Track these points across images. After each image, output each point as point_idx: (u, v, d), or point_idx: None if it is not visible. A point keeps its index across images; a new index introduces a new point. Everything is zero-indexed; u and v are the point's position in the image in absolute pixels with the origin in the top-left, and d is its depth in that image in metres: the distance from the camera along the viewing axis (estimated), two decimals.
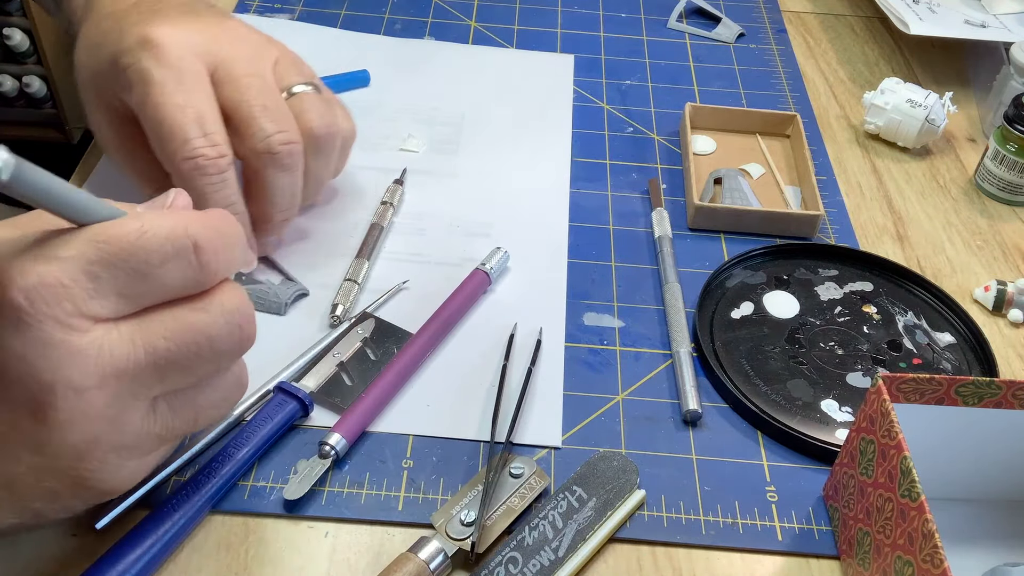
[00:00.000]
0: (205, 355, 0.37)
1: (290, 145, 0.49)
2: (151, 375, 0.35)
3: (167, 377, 0.36)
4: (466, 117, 0.71)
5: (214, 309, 0.37)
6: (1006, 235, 0.66)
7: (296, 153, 0.50)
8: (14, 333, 0.32)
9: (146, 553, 0.41)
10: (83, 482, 0.36)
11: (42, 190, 0.31)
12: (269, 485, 0.46)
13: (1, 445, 0.34)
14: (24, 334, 0.32)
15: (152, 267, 0.34)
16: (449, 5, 0.83)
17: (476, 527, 0.43)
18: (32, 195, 0.31)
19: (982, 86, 0.79)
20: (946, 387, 0.43)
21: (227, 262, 0.37)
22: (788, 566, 0.45)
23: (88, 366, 0.33)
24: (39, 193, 0.31)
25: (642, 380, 0.53)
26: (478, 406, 0.51)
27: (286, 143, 0.49)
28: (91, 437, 0.34)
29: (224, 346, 0.37)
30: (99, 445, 0.35)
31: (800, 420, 0.51)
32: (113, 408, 0.35)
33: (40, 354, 0.33)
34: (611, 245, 0.61)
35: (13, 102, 1.04)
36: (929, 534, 0.36)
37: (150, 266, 0.34)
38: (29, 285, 0.32)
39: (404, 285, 0.57)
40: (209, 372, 0.38)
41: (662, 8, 0.86)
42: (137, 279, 0.34)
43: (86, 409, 0.34)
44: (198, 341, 0.36)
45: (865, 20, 0.88)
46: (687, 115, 0.70)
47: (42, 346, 0.33)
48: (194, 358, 0.36)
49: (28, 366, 0.33)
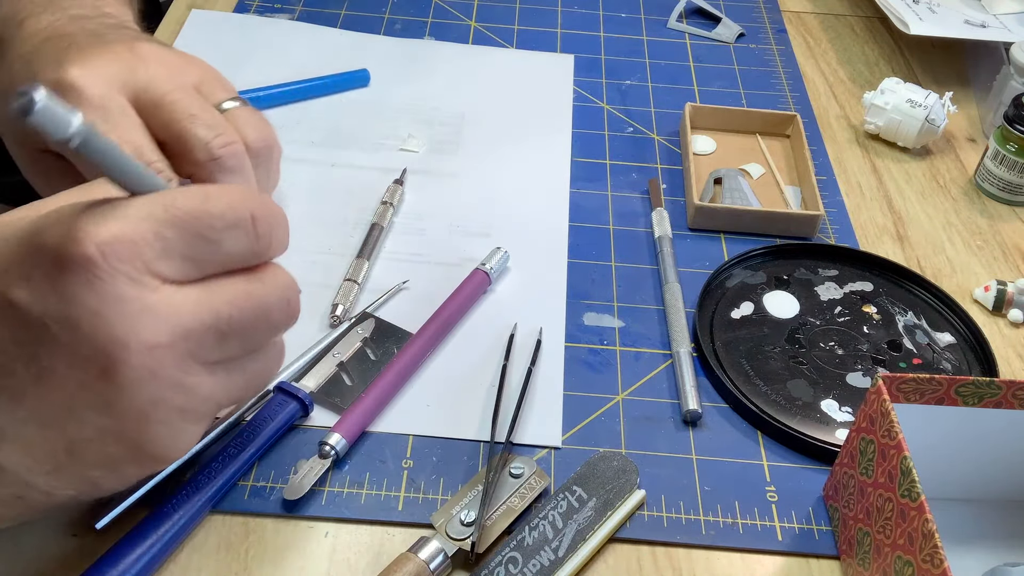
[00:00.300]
0: (261, 325, 0.38)
1: (231, 146, 0.48)
2: (213, 339, 0.36)
3: (227, 342, 0.37)
4: (466, 117, 0.71)
5: (269, 281, 0.39)
6: (1006, 235, 0.66)
7: (240, 154, 0.48)
8: (87, 288, 0.33)
9: (146, 553, 0.41)
10: (144, 446, 0.36)
11: (109, 156, 0.34)
12: (269, 485, 0.46)
13: (69, 407, 0.35)
14: (98, 289, 0.33)
15: (215, 232, 0.36)
16: (449, 5, 0.83)
17: (476, 527, 0.43)
18: (99, 160, 0.33)
19: (982, 86, 0.79)
20: (946, 387, 0.43)
21: (279, 239, 0.39)
22: (788, 566, 0.45)
23: (159, 323, 0.34)
24: (105, 159, 0.33)
25: (642, 380, 0.53)
26: (478, 406, 0.51)
27: (226, 145, 0.48)
28: (157, 397, 0.35)
29: (277, 317, 0.39)
30: (163, 407, 0.36)
31: (800, 420, 0.51)
32: (179, 369, 0.36)
33: (114, 309, 0.33)
34: (611, 245, 0.62)
35: None
36: (929, 534, 0.36)
37: (213, 231, 0.36)
38: (102, 240, 0.33)
39: (404, 285, 0.57)
40: (262, 341, 0.40)
41: (662, 8, 0.86)
42: (201, 243, 0.36)
43: (155, 367, 0.35)
44: (256, 310, 0.38)
45: (865, 20, 0.88)
46: (687, 115, 0.70)
47: (115, 301, 0.33)
48: (251, 326, 0.38)
49: (101, 321, 0.33)
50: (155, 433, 0.36)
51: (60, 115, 0.30)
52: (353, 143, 0.67)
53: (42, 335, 0.34)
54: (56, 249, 0.33)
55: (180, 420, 0.37)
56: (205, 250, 0.36)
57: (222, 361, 0.38)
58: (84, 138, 0.31)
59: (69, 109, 0.31)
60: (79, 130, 0.31)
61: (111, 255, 0.33)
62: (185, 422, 0.37)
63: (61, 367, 0.34)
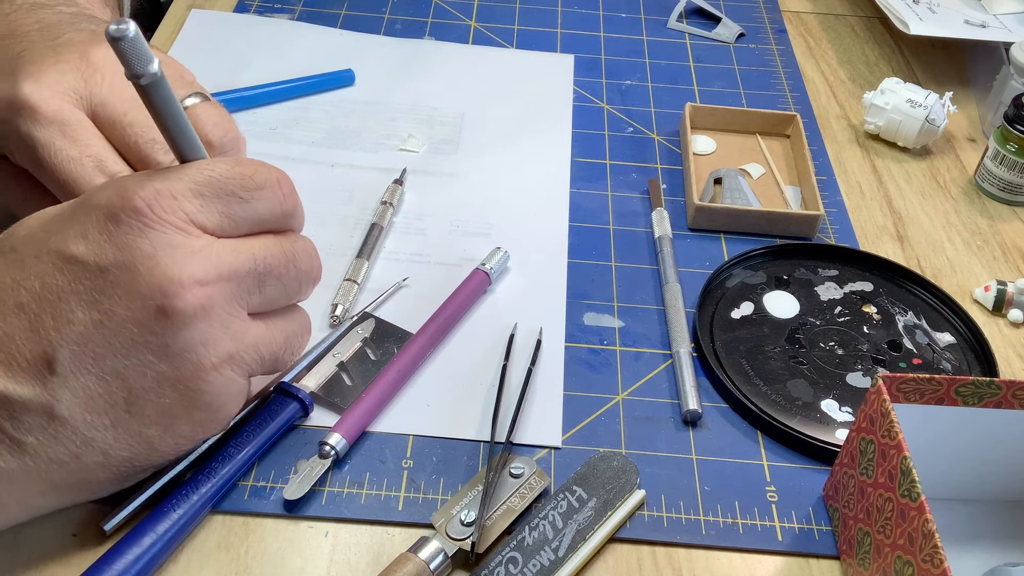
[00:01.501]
0: (292, 270, 0.43)
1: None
2: (254, 282, 0.41)
3: (266, 285, 0.42)
4: (466, 117, 0.71)
5: (294, 238, 0.44)
6: (1006, 235, 0.66)
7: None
8: (141, 235, 0.37)
9: (146, 553, 0.41)
10: (198, 395, 0.40)
11: (170, 105, 0.38)
12: (269, 485, 0.46)
13: (128, 351, 0.38)
14: (149, 236, 0.38)
15: (247, 191, 0.41)
16: (449, 5, 0.83)
17: (476, 527, 0.43)
18: (161, 107, 0.38)
19: (982, 86, 0.79)
20: (946, 387, 0.43)
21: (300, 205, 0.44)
22: (788, 566, 0.45)
23: (207, 264, 0.39)
24: (167, 107, 0.38)
25: (642, 380, 0.53)
26: (478, 406, 0.51)
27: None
28: (209, 337, 0.39)
29: (305, 267, 0.44)
30: (214, 349, 0.39)
31: (800, 420, 0.51)
32: (227, 308, 0.40)
33: (166, 252, 0.38)
34: (611, 245, 0.61)
35: None
36: (929, 534, 0.36)
37: (245, 190, 0.40)
38: (147, 195, 0.38)
39: (404, 283, 0.57)
40: (294, 291, 0.44)
41: (662, 8, 0.86)
42: (236, 202, 0.40)
43: (206, 303, 0.38)
44: (285, 257, 0.42)
45: (865, 20, 0.88)
46: (687, 115, 0.70)
47: (166, 246, 0.38)
48: (283, 270, 0.42)
49: (156, 262, 0.37)
50: (207, 379, 0.40)
51: (145, 53, 0.36)
52: (353, 143, 0.67)
53: (101, 282, 0.37)
54: (108, 206, 0.38)
55: (229, 368, 0.40)
56: (239, 208, 0.40)
57: (262, 310, 0.42)
58: (157, 80, 0.37)
59: (152, 53, 0.36)
60: (156, 71, 0.36)
61: (157, 207, 0.38)
62: (233, 371, 0.41)
63: (121, 309, 0.37)
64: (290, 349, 0.45)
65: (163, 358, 0.38)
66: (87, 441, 0.38)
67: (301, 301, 0.46)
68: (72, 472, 0.39)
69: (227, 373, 0.40)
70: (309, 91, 0.71)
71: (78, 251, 0.37)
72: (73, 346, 0.37)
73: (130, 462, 0.40)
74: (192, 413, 0.40)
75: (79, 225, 0.38)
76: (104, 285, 0.37)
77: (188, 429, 0.41)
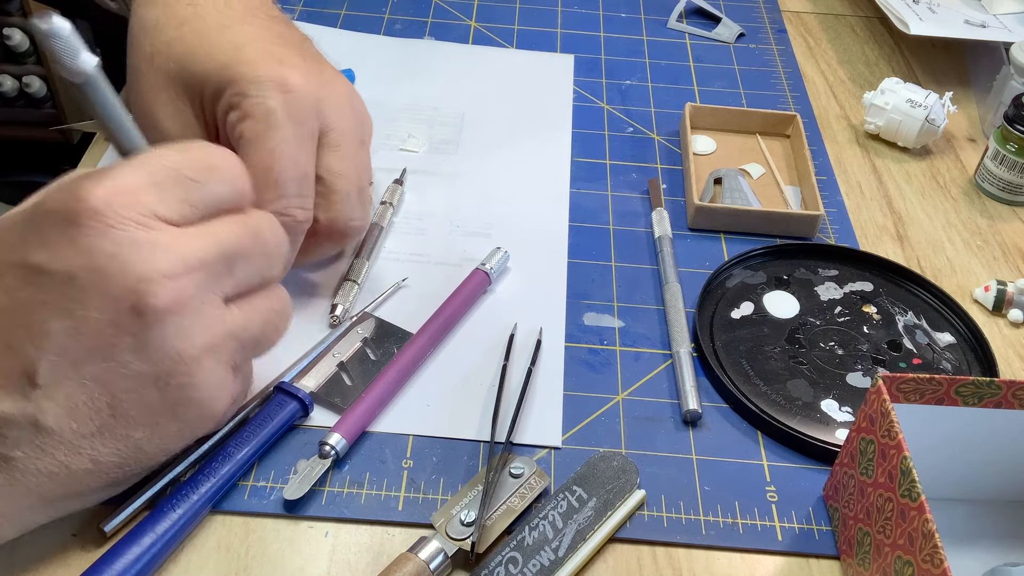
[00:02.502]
0: (258, 248, 0.42)
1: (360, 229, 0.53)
2: (223, 266, 0.40)
3: (235, 267, 0.41)
4: (466, 117, 0.71)
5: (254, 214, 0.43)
6: (1006, 235, 0.66)
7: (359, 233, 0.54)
8: (102, 237, 0.36)
9: (146, 553, 0.41)
10: (181, 390, 0.39)
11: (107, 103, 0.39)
12: (269, 485, 0.46)
13: (106, 353, 0.37)
14: (112, 236, 0.37)
15: (200, 173, 0.40)
16: (449, 5, 0.83)
17: (476, 527, 0.43)
18: (99, 104, 0.38)
19: (982, 86, 0.79)
20: (946, 387, 0.43)
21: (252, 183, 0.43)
22: (788, 566, 0.45)
23: (172, 256, 0.38)
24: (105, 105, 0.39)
25: (642, 380, 0.53)
26: (478, 406, 0.51)
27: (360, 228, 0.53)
28: (184, 329, 0.38)
29: (272, 242, 0.43)
30: (191, 340, 0.39)
31: (800, 420, 0.51)
32: (200, 298, 0.39)
33: (130, 251, 0.37)
34: (611, 245, 0.61)
35: (13, 102, 1.04)
36: (929, 534, 0.36)
37: (200, 173, 0.40)
38: (103, 193, 0.37)
39: (404, 283, 0.57)
40: (265, 268, 0.43)
41: (662, 8, 0.86)
42: (193, 187, 0.40)
43: (178, 296, 0.38)
44: (251, 235, 0.42)
45: (865, 20, 0.88)
46: (687, 115, 0.70)
47: (130, 244, 0.37)
48: (250, 249, 0.42)
49: (123, 262, 0.37)
50: (189, 373, 0.39)
51: (80, 50, 0.34)
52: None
53: (70, 289, 0.36)
54: (64, 211, 0.37)
55: (209, 358, 0.40)
56: (198, 193, 0.40)
57: (235, 295, 0.42)
58: (93, 79, 0.36)
59: (88, 51, 0.35)
60: (93, 71, 0.35)
61: (115, 204, 0.37)
62: (214, 362, 0.40)
63: (94, 313, 0.37)
64: (271, 330, 0.44)
65: (142, 357, 0.38)
66: (75, 449, 0.38)
67: (275, 279, 0.45)
68: (62, 483, 0.38)
69: (208, 364, 0.40)
70: None
71: (42, 260, 0.36)
72: (52, 356, 0.36)
73: (120, 467, 0.40)
74: (177, 410, 0.40)
75: (38, 233, 0.37)
76: (74, 292, 0.36)
77: (175, 428, 0.41)
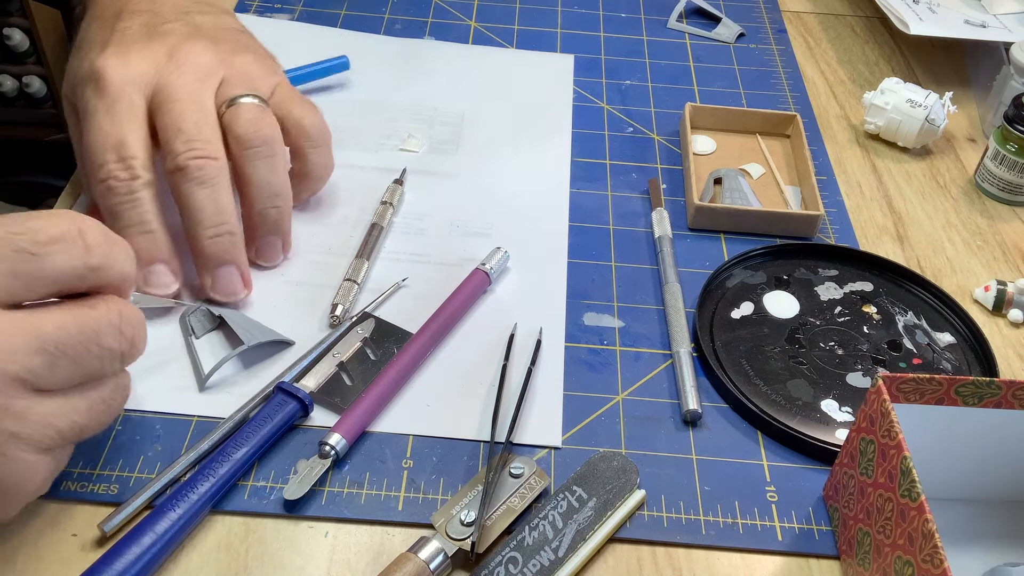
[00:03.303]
0: (92, 348, 0.38)
1: (199, 160, 0.49)
2: (41, 361, 0.36)
3: (57, 366, 0.37)
4: (466, 117, 0.71)
5: (101, 307, 0.38)
6: (1006, 235, 0.66)
7: (208, 167, 0.50)
8: None
9: (146, 553, 0.41)
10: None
11: None
12: (269, 485, 0.46)
13: None
14: None
15: (38, 245, 0.36)
16: (449, 5, 0.83)
17: (476, 527, 0.43)
18: None
19: (982, 86, 0.79)
20: (946, 387, 0.43)
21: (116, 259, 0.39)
22: (788, 566, 0.45)
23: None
24: None
25: (642, 380, 0.53)
26: (478, 406, 0.51)
27: (195, 158, 0.49)
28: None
29: (109, 342, 0.38)
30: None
31: (800, 420, 0.51)
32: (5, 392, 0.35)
33: None
34: (611, 245, 0.61)
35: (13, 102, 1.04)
36: (929, 534, 0.36)
37: (36, 244, 0.36)
38: None
39: (403, 283, 0.57)
40: (97, 368, 0.39)
41: (662, 8, 0.86)
42: (25, 259, 0.35)
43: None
44: (84, 334, 0.37)
45: (865, 20, 0.88)
46: (687, 115, 0.70)
47: None
48: (81, 349, 0.37)
49: None
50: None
51: None
52: (353, 143, 0.67)
53: None
54: None
55: (13, 447, 0.36)
56: (30, 266, 0.36)
57: (57, 388, 0.37)
58: None
59: None
60: None
61: None
62: (20, 451, 0.36)
63: None
64: (98, 418, 0.40)
65: None
66: None
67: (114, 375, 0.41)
68: None
69: (12, 453, 0.36)
70: (303, 81, 0.70)
71: None
72: None
73: None
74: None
75: None
76: None
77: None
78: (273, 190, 0.54)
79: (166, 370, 0.50)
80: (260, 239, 0.55)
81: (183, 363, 0.51)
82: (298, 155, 0.57)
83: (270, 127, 0.53)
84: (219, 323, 0.53)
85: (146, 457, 0.46)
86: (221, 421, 0.48)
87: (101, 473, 0.45)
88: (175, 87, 0.51)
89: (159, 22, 0.54)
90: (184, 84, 0.51)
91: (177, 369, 0.51)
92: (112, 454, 0.46)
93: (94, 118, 0.50)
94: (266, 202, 0.54)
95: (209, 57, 0.53)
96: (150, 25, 0.54)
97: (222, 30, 0.56)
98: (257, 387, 0.50)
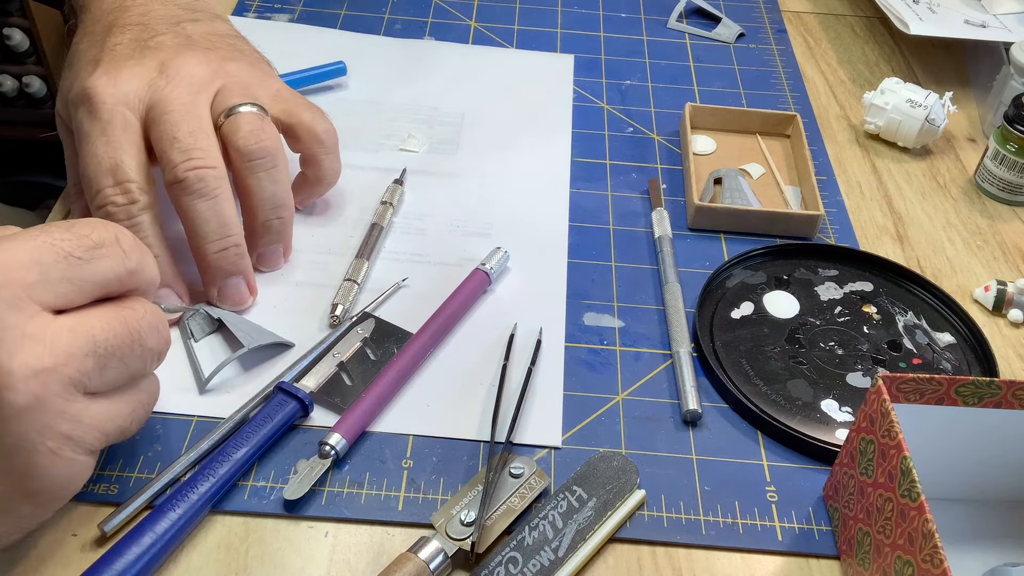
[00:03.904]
0: (136, 348, 0.39)
1: (198, 171, 0.49)
2: (93, 363, 0.37)
3: (107, 368, 0.38)
4: (466, 117, 0.71)
5: (139, 308, 0.40)
6: (1006, 235, 0.66)
7: (207, 178, 0.49)
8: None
9: (146, 553, 0.41)
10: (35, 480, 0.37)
11: None
12: (269, 485, 0.46)
13: None
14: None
15: (87, 251, 0.38)
16: (449, 5, 0.83)
17: (476, 527, 0.43)
18: None
19: (982, 86, 0.79)
20: (946, 387, 0.43)
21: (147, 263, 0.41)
22: (788, 566, 0.45)
23: (41, 349, 0.35)
24: None
25: (642, 380, 0.53)
26: (478, 406, 0.51)
27: (193, 168, 0.49)
28: (43, 424, 0.36)
29: (150, 341, 0.40)
30: (50, 435, 0.36)
31: (800, 420, 0.51)
32: (63, 394, 0.36)
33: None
34: (611, 245, 0.61)
35: (13, 102, 1.04)
36: (929, 534, 0.36)
37: (85, 250, 0.38)
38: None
39: (403, 283, 0.57)
40: (139, 367, 0.40)
41: (662, 8, 0.86)
42: (76, 264, 0.37)
43: (40, 393, 0.35)
44: (129, 334, 0.39)
45: (865, 20, 0.88)
46: (687, 115, 0.70)
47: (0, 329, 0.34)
48: (127, 349, 0.39)
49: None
50: (44, 465, 0.36)
51: None
52: (353, 143, 0.67)
53: None
54: None
55: (68, 450, 0.37)
56: (80, 271, 0.37)
57: (104, 389, 0.39)
58: None
59: None
60: None
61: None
62: (74, 452, 0.37)
63: None
64: (136, 419, 0.41)
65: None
66: None
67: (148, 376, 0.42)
68: None
69: (67, 455, 0.37)
70: (298, 86, 0.70)
71: None
72: None
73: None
74: (31, 495, 0.38)
75: None
76: None
77: (30, 510, 0.38)
78: (277, 201, 0.53)
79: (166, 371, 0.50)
80: (262, 247, 0.55)
81: (183, 364, 0.51)
82: (311, 161, 0.57)
83: (271, 137, 0.52)
84: (218, 326, 0.53)
85: (146, 457, 0.46)
86: (221, 421, 0.48)
87: (101, 473, 0.45)
88: (168, 100, 0.50)
89: (149, 35, 0.53)
90: (178, 96, 0.51)
91: (177, 370, 0.51)
92: (112, 454, 0.46)
93: (88, 142, 0.49)
94: (269, 213, 0.54)
95: (202, 68, 0.53)
96: (140, 39, 0.53)
97: (215, 37, 0.56)
98: (257, 387, 0.50)
